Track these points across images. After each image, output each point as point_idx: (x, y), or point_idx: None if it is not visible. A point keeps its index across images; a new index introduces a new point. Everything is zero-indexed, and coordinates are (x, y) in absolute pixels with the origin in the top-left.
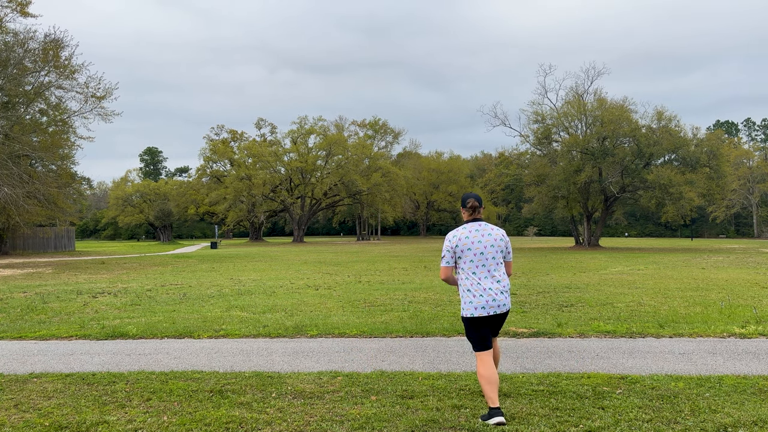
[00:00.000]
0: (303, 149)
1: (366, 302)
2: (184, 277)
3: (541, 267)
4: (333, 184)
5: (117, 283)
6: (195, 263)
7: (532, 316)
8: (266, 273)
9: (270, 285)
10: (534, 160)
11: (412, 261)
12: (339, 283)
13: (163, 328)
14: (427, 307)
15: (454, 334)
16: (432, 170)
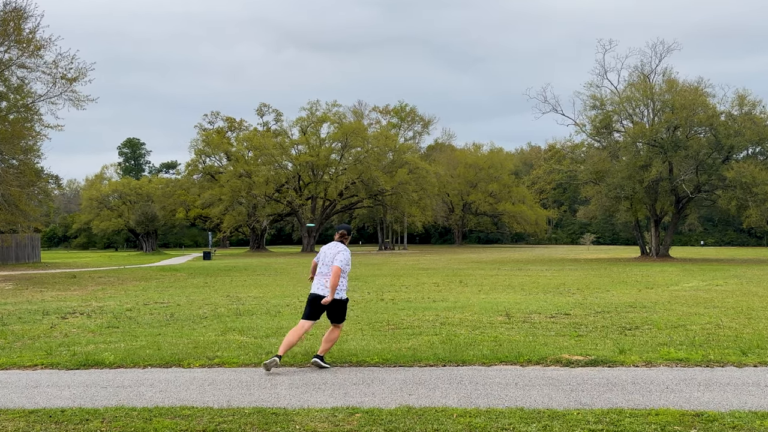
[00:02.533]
0: (314, 140)
1: (389, 324)
2: (171, 294)
3: (599, 282)
4: (350, 182)
5: (91, 301)
6: (184, 277)
7: (589, 341)
8: (270, 289)
9: (274, 304)
10: (591, 154)
11: (445, 274)
12: (357, 301)
13: (147, 355)
14: (462, 330)
15: (495, 363)
16: (469, 166)
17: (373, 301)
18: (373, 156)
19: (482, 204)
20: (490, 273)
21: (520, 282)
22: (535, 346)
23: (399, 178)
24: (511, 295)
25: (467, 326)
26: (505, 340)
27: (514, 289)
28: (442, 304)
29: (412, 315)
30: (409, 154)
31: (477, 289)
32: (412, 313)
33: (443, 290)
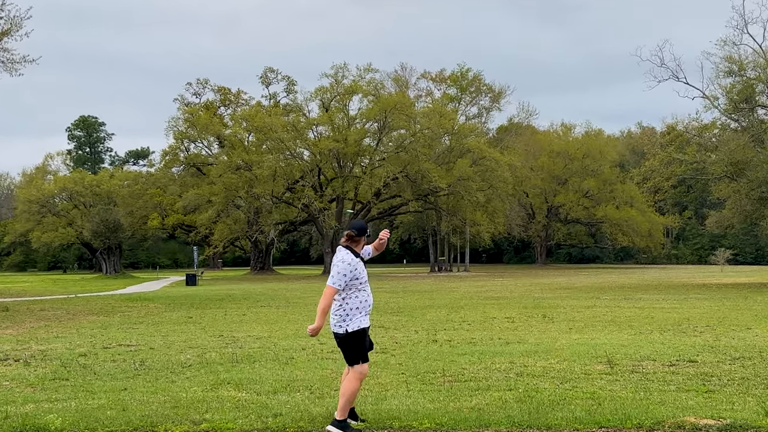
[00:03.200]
0: (340, 120)
1: (445, 375)
2: (141, 333)
3: (737, 317)
4: (390, 178)
5: (29, 342)
6: (160, 310)
7: (723, 399)
8: (278, 326)
9: (284, 346)
10: (726, 138)
11: (523, 306)
12: (401, 342)
13: (108, 419)
14: (547, 383)
15: (592, 428)
16: (556, 154)
17: (422, 343)
18: (423, 141)
19: (574, 208)
20: (585, 304)
21: (627, 317)
22: (648, 405)
23: (458, 172)
24: (615, 334)
25: (553, 378)
26: (607, 397)
27: (618, 327)
28: (518, 347)
29: (477, 362)
30: (473, 139)
31: (567, 326)
32: (476, 360)
33: (520, 328)
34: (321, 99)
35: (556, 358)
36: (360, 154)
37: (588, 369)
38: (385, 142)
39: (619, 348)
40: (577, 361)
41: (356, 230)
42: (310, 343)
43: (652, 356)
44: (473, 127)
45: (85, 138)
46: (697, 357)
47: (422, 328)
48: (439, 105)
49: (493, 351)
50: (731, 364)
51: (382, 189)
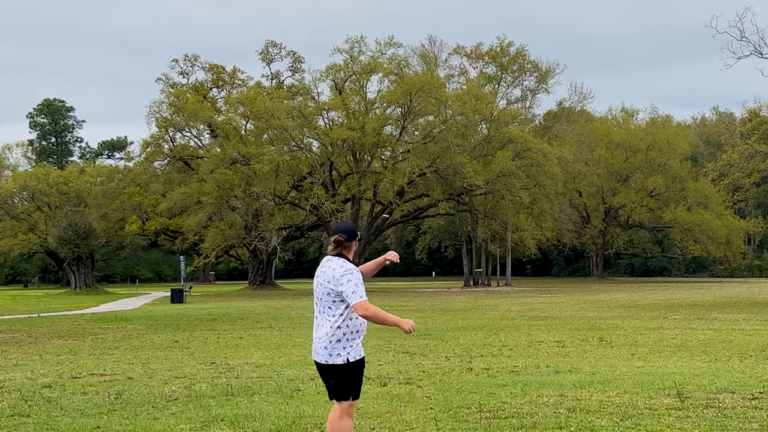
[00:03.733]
0: (356, 104)
1: (483, 410)
2: (117, 360)
3: None
4: (416, 173)
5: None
6: (140, 332)
7: None
8: (282, 352)
9: (289, 376)
10: None
11: (575, 327)
12: (429, 371)
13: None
14: (603, 420)
15: None
16: (615, 146)
17: (454, 372)
18: (455, 130)
19: (637, 210)
20: (650, 325)
21: (701, 340)
22: None
23: (498, 167)
24: (686, 362)
25: (612, 414)
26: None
27: (690, 353)
28: (570, 376)
29: (521, 395)
30: (516, 127)
31: (628, 351)
32: (519, 393)
33: (572, 354)
34: (333, 79)
35: (616, 390)
36: (380, 145)
37: (653, 403)
38: (410, 131)
39: (690, 378)
40: (640, 394)
41: (346, 234)
42: None
43: (731, 388)
44: (516, 113)
45: (50, 126)
46: None
47: (455, 354)
48: (475, 86)
49: (540, 381)
50: None
51: (407, 187)
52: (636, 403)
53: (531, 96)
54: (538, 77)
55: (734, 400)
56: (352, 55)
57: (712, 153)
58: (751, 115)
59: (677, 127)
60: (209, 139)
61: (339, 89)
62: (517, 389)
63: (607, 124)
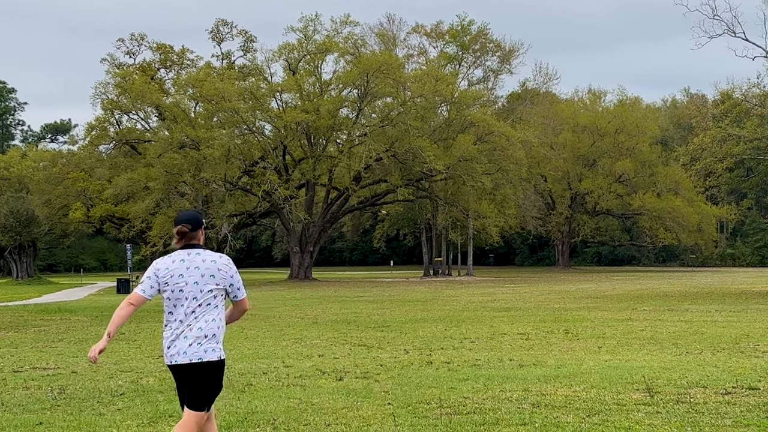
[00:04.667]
0: (311, 86)
1: (443, 406)
2: (61, 353)
3: None
4: (373, 158)
5: None
6: (85, 324)
7: None
8: (233, 345)
9: (240, 370)
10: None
11: (540, 319)
12: (387, 365)
13: None
14: (570, 416)
15: None
16: (582, 129)
17: (414, 366)
18: (415, 112)
19: (605, 196)
20: (618, 317)
21: (671, 332)
22: None
23: (459, 152)
24: (656, 355)
25: (578, 410)
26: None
27: (660, 345)
28: (534, 370)
29: (483, 390)
30: (478, 109)
31: (595, 344)
32: (482, 387)
33: (537, 347)
34: (286, 59)
35: (582, 385)
36: (335, 128)
37: (622, 398)
38: (367, 114)
39: (660, 372)
40: (608, 389)
41: (191, 223)
42: (273, 365)
43: (703, 382)
44: (478, 95)
45: None
46: (759, 383)
47: (414, 347)
48: (435, 67)
49: (503, 375)
50: None
51: (363, 172)
52: (603, 398)
53: (494, 77)
54: (501, 57)
55: (706, 394)
56: (306, 34)
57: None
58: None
59: (646, 110)
60: (157, 122)
61: (293, 70)
62: (479, 384)
63: (573, 106)
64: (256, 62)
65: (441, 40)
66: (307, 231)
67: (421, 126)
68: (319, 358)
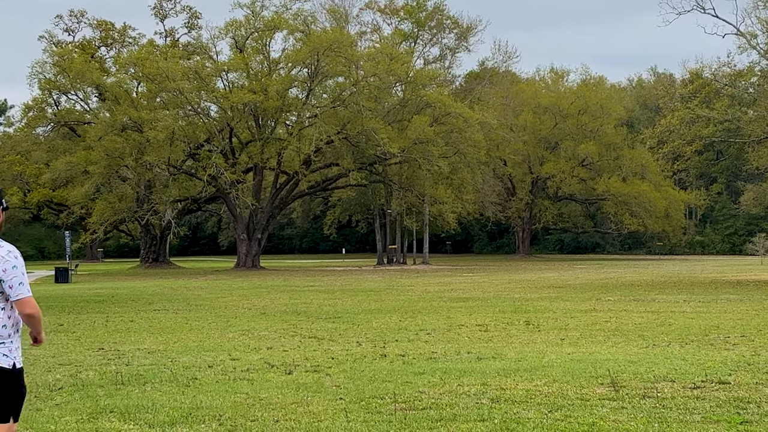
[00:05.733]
0: (259, 64)
1: (398, 401)
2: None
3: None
4: (324, 140)
5: None
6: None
7: (763, 431)
8: (177, 336)
9: (185, 363)
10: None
11: (499, 309)
12: (339, 358)
13: None
14: (531, 411)
15: None
16: (543, 110)
17: (367, 359)
18: (368, 92)
19: (567, 180)
20: (581, 307)
21: (637, 324)
22: None
23: (415, 134)
24: (621, 347)
25: (540, 405)
26: (610, 430)
27: (625, 337)
28: (493, 363)
29: (439, 384)
30: (434, 90)
31: (557, 336)
32: (438, 381)
33: (496, 339)
34: (233, 37)
35: (544, 379)
36: (285, 109)
37: (585, 393)
38: (317, 94)
39: (626, 365)
40: (570, 383)
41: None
42: (219, 358)
43: (670, 376)
44: (434, 74)
45: None
46: (730, 377)
47: (367, 339)
48: (389, 45)
49: (461, 369)
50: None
51: (314, 155)
52: (566, 392)
53: (450, 55)
54: (459, 34)
55: (674, 389)
56: (254, 10)
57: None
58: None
59: (611, 90)
60: (97, 102)
61: (240, 48)
62: (435, 378)
63: (534, 86)
64: (201, 40)
65: (395, 17)
66: (254, 217)
67: (374, 107)
68: (268, 350)
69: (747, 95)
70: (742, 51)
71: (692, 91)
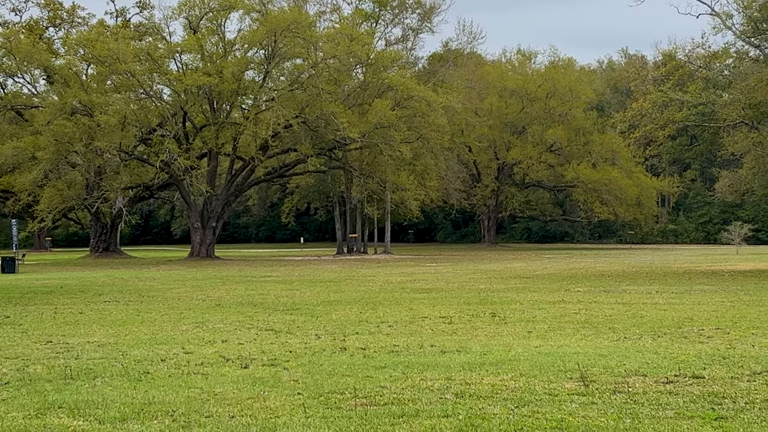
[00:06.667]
0: (213, 46)
1: (358, 396)
2: None
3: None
4: (282, 125)
5: None
6: None
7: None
8: (128, 329)
9: (137, 357)
10: (744, 71)
11: (464, 301)
12: (297, 351)
13: None
14: (497, 407)
15: None
16: (510, 93)
17: (326, 352)
18: (327, 75)
19: (535, 166)
20: (549, 298)
21: (608, 316)
22: None
23: (376, 118)
24: (591, 340)
25: (506, 400)
26: (579, 426)
27: (595, 330)
28: (458, 357)
29: (402, 379)
30: (396, 72)
31: (524, 329)
32: (400, 375)
33: (460, 331)
34: (187, 17)
35: (510, 373)
36: (240, 92)
37: (554, 388)
38: (274, 77)
39: (596, 359)
40: (538, 377)
41: None
42: (172, 352)
43: (642, 370)
44: (396, 56)
45: None
46: (704, 371)
47: (326, 332)
48: (350, 25)
49: (424, 363)
50: (750, 381)
51: (271, 141)
52: (534, 387)
53: (413, 36)
54: (422, 15)
55: (646, 384)
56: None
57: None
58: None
59: (581, 72)
60: (45, 85)
61: (193, 28)
62: (397, 372)
63: (500, 68)
64: (153, 20)
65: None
66: (209, 205)
67: (334, 90)
68: (223, 343)
69: (722, 78)
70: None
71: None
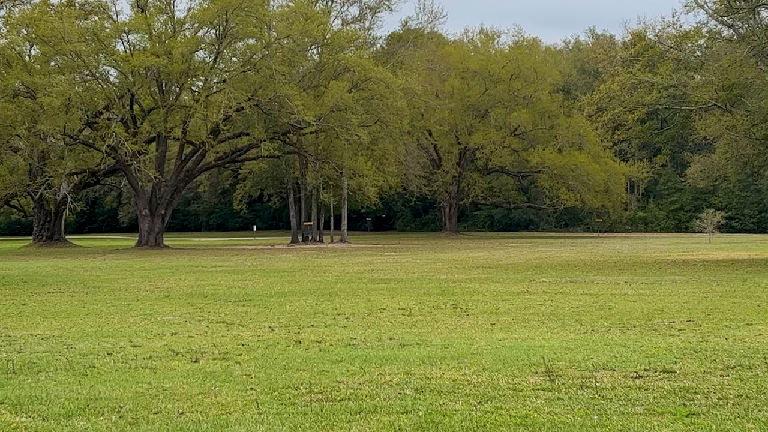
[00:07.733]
0: (162, 25)
1: (314, 391)
2: None
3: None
4: (234, 108)
5: None
6: None
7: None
8: (73, 321)
9: (82, 350)
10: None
11: (424, 292)
12: (249, 344)
13: None
14: (458, 402)
15: None
16: (472, 75)
17: (280, 345)
18: (281, 56)
19: (498, 151)
20: (513, 289)
21: (575, 307)
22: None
23: (332, 101)
24: (557, 333)
25: (468, 396)
26: (545, 423)
27: (562, 322)
28: (417, 350)
29: (359, 373)
30: (353, 52)
31: (487, 321)
32: (358, 370)
33: (420, 323)
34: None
35: (473, 367)
36: (190, 74)
37: (518, 382)
38: (226, 57)
39: (562, 353)
40: (502, 372)
41: None
42: (119, 345)
43: (610, 364)
44: (353, 36)
45: None
46: (675, 365)
47: (280, 324)
48: (304, 4)
49: (382, 356)
50: (723, 376)
51: (222, 124)
52: (497, 382)
53: (371, 15)
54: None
55: (614, 378)
56: None
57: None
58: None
59: (546, 53)
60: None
61: (141, 7)
62: (354, 366)
63: (462, 49)
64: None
65: None
66: (157, 191)
67: (288, 71)
68: (172, 336)
69: (694, 59)
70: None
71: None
